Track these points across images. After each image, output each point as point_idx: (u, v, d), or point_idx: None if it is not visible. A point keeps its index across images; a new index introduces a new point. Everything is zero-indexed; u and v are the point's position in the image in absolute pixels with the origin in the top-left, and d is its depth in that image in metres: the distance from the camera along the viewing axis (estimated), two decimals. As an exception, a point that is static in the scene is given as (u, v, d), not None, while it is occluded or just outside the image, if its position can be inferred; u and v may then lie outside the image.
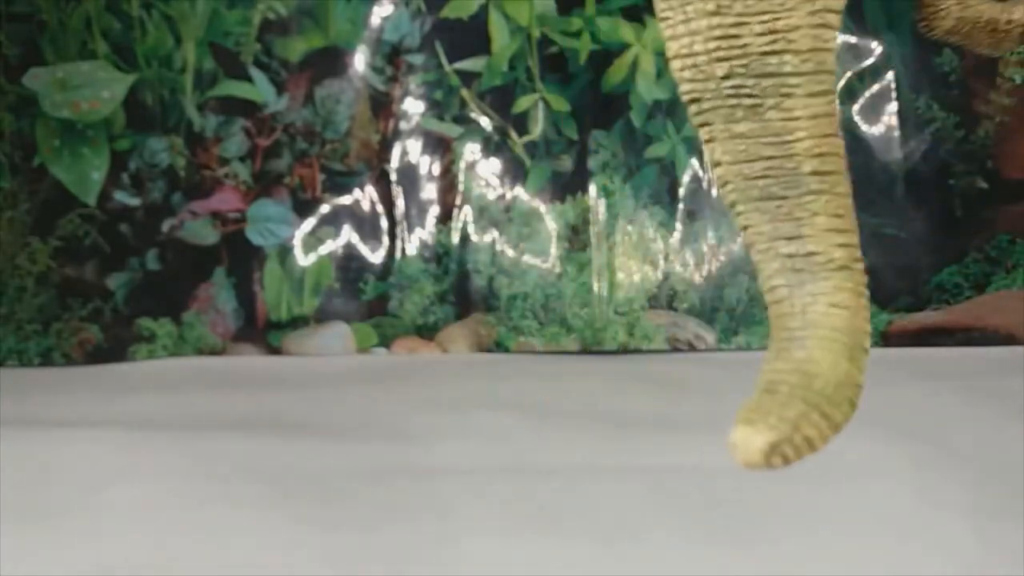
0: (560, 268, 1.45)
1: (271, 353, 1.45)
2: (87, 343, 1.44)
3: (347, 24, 1.45)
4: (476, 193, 1.46)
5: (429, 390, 1.28)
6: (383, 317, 1.46)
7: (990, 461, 0.97)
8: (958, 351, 1.38)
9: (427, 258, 1.46)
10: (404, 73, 1.45)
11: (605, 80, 1.43)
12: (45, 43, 1.43)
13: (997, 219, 1.40)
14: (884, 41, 1.41)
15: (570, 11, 1.43)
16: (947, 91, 1.40)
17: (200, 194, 1.45)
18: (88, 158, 1.44)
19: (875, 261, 1.40)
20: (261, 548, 0.83)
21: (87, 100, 1.43)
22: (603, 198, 1.44)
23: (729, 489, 0.93)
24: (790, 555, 0.80)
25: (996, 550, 0.80)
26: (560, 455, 1.02)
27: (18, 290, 1.44)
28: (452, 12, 1.44)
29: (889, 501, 0.89)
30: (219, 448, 1.04)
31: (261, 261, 1.46)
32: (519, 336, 1.44)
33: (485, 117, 1.45)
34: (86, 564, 0.80)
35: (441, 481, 0.95)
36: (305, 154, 1.45)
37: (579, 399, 1.24)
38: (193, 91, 1.44)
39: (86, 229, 1.44)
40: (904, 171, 1.41)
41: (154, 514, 0.89)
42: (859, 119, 1.41)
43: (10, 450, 1.02)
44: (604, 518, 0.87)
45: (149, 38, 1.44)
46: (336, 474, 0.98)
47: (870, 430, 1.06)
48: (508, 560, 0.80)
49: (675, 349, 1.43)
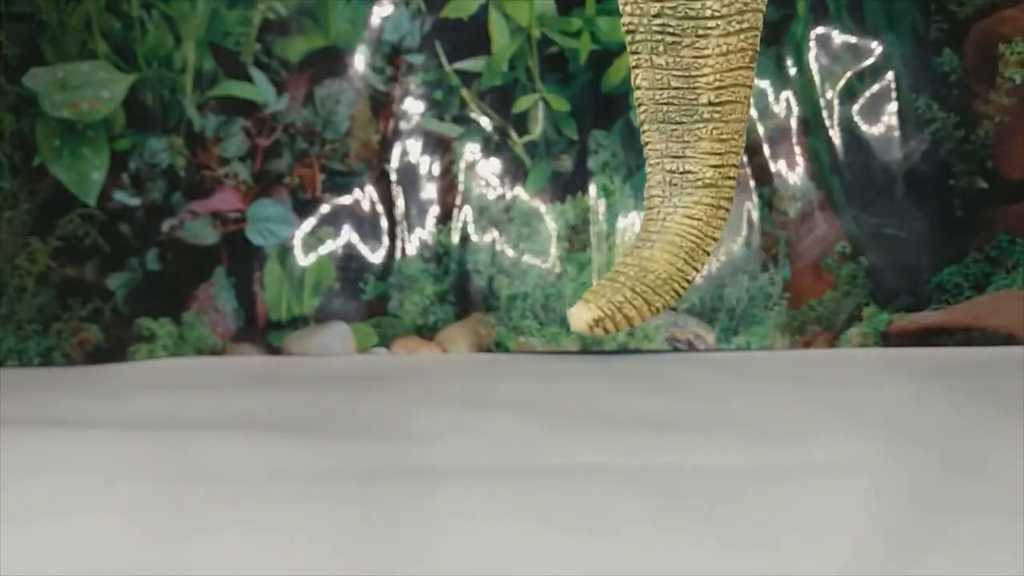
0: (560, 268, 1.45)
1: (271, 353, 1.45)
2: (87, 343, 1.44)
3: (347, 24, 1.45)
4: (476, 193, 1.46)
5: (429, 390, 1.28)
6: (383, 317, 1.46)
7: (990, 461, 0.97)
8: (958, 351, 1.38)
9: (427, 258, 1.46)
10: (404, 73, 1.45)
11: (605, 80, 1.43)
12: (45, 43, 1.43)
13: (997, 219, 1.40)
14: (884, 41, 1.41)
15: (570, 11, 1.43)
16: (947, 91, 1.40)
17: (200, 194, 1.45)
18: (88, 158, 1.44)
19: (875, 261, 1.42)
20: (261, 548, 0.83)
21: (87, 100, 1.43)
22: (603, 198, 1.44)
23: (729, 489, 0.93)
24: (790, 555, 0.80)
25: (996, 550, 0.80)
26: (560, 455, 1.02)
27: (18, 290, 1.44)
28: (452, 12, 1.44)
29: (888, 501, 0.89)
30: (219, 448, 1.04)
31: (261, 261, 1.46)
32: (519, 336, 1.44)
33: (485, 117, 1.45)
34: (85, 564, 0.80)
35: (441, 481, 0.95)
36: (305, 154, 1.46)
37: (579, 399, 1.24)
38: (193, 91, 1.44)
39: (86, 229, 1.44)
40: (904, 171, 1.41)
41: (154, 514, 0.89)
42: (859, 119, 1.41)
43: (10, 450, 1.02)
44: (604, 518, 0.87)
45: (149, 38, 1.44)
46: (336, 474, 0.98)
47: (870, 430, 1.06)
48: (508, 560, 0.80)
49: (675, 349, 1.43)
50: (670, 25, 0.66)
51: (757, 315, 1.42)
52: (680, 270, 0.67)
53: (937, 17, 1.39)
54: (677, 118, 0.67)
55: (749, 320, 1.43)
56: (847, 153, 1.42)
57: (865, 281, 1.42)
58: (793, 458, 1.00)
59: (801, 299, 1.42)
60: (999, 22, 1.38)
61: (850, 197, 1.42)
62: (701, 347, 1.44)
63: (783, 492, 0.92)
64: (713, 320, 1.43)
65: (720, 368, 1.35)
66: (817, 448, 1.02)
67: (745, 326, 1.43)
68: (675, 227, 0.68)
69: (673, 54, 0.66)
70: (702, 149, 0.67)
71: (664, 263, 0.67)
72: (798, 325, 1.42)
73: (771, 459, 1.00)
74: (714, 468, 0.98)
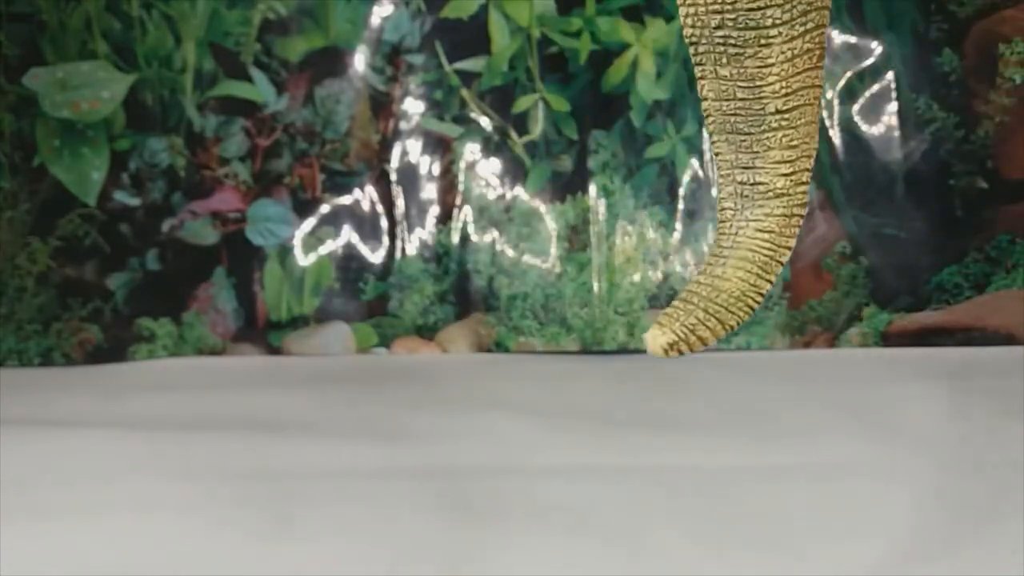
0: (560, 268, 1.45)
1: (271, 353, 1.45)
2: (87, 343, 1.44)
3: (347, 24, 1.45)
4: (476, 193, 1.46)
5: (429, 390, 1.28)
6: (383, 317, 1.46)
7: (990, 461, 0.97)
8: (958, 351, 1.38)
9: (427, 258, 1.46)
10: (404, 73, 1.45)
11: (605, 80, 1.43)
12: (45, 43, 1.43)
13: (997, 219, 1.40)
14: (884, 41, 1.41)
15: (570, 11, 1.43)
16: (947, 91, 1.40)
17: (200, 194, 1.45)
18: (88, 158, 1.44)
19: (875, 261, 1.42)
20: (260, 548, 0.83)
21: (87, 100, 1.43)
22: (603, 198, 1.44)
23: (729, 489, 0.93)
24: (790, 555, 0.80)
25: (995, 550, 0.80)
26: (560, 455, 1.02)
27: (18, 290, 1.44)
28: (452, 12, 1.44)
29: (889, 501, 0.89)
30: (219, 448, 1.04)
31: (261, 261, 1.46)
32: (519, 336, 1.44)
33: (485, 117, 1.45)
34: (86, 564, 0.80)
35: (441, 481, 0.95)
36: (305, 154, 1.46)
37: (579, 399, 1.24)
38: (193, 91, 1.44)
39: (86, 229, 1.44)
40: (904, 171, 1.41)
41: (154, 514, 0.89)
42: (859, 119, 1.41)
43: (10, 450, 1.02)
44: (604, 518, 0.87)
45: (149, 38, 1.44)
46: (336, 474, 0.98)
47: (870, 430, 1.06)
48: (508, 560, 0.80)
49: (675, 349, 1.43)
50: (732, 37, 0.64)
51: (757, 315, 1.42)
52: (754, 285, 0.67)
53: (937, 17, 1.39)
54: (745, 129, 0.66)
55: (749, 320, 1.43)
56: (847, 153, 1.42)
57: (865, 281, 1.42)
58: (793, 458, 1.00)
59: (801, 299, 1.42)
60: (999, 22, 1.38)
61: (850, 197, 1.42)
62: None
63: (783, 492, 0.92)
64: (713, 320, 1.43)
65: (720, 368, 1.35)
66: (817, 448, 1.02)
67: (745, 326, 1.43)
68: (747, 242, 0.67)
69: (737, 65, 0.65)
70: (772, 158, 0.66)
71: (736, 280, 0.66)
72: (798, 325, 1.42)
73: (771, 459, 1.00)
74: (714, 468, 0.98)
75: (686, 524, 0.86)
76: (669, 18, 1.42)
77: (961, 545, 0.81)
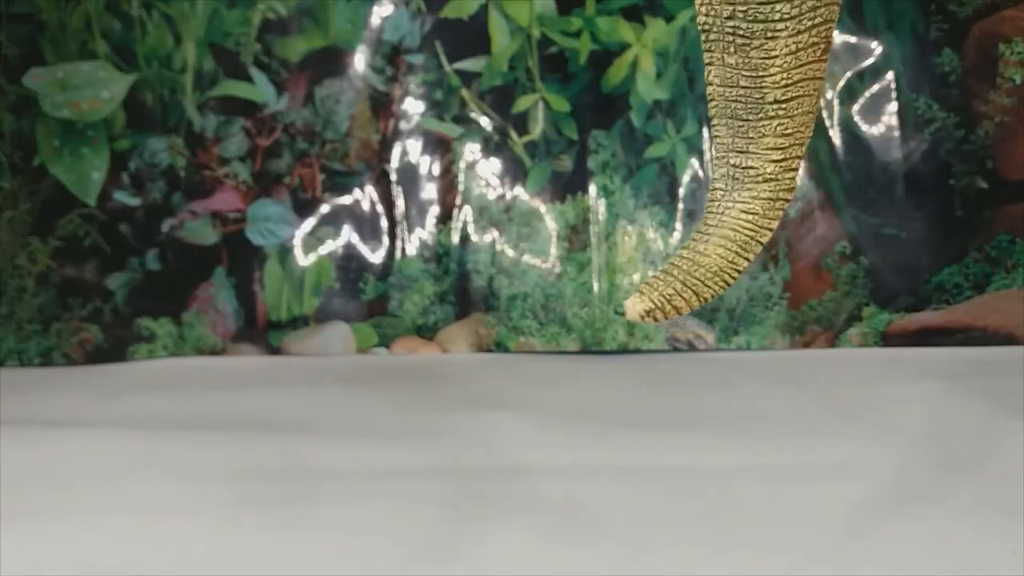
0: (560, 268, 1.45)
1: (271, 353, 1.45)
2: (87, 343, 1.44)
3: (347, 24, 1.45)
4: (476, 193, 1.46)
5: (429, 390, 1.28)
6: (383, 317, 1.46)
7: (990, 461, 0.97)
8: (958, 351, 1.38)
9: (427, 258, 1.46)
10: (404, 73, 1.45)
11: (605, 80, 1.43)
12: (45, 43, 1.43)
13: (997, 219, 1.40)
14: (884, 41, 1.41)
15: (570, 11, 1.43)
16: (947, 91, 1.40)
17: (200, 194, 1.45)
18: (88, 158, 1.44)
19: (875, 261, 1.42)
20: (260, 548, 0.83)
21: (87, 100, 1.43)
22: (603, 198, 1.44)
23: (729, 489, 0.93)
24: (790, 555, 0.80)
25: (995, 550, 0.80)
26: (560, 455, 1.02)
27: (18, 290, 1.44)
28: (452, 12, 1.44)
29: (888, 501, 0.89)
30: (219, 448, 1.04)
31: (261, 261, 1.46)
32: (519, 336, 1.44)
33: (485, 117, 1.45)
34: (86, 564, 0.80)
35: (441, 481, 0.95)
36: (305, 154, 1.46)
37: (579, 399, 1.24)
38: (193, 91, 1.44)
39: (86, 229, 1.44)
40: (904, 171, 1.41)
41: (154, 514, 0.89)
42: (859, 119, 1.41)
43: (10, 450, 1.02)
44: (604, 518, 0.87)
45: (149, 38, 1.44)
46: (336, 474, 0.98)
47: (870, 430, 1.06)
48: (507, 560, 0.80)
49: (675, 349, 1.43)
50: (741, 28, 0.67)
51: (757, 315, 1.42)
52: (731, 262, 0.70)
53: (937, 17, 1.39)
54: (744, 115, 0.69)
55: (749, 320, 1.43)
56: (847, 153, 1.42)
57: (865, 281, 1.42)
58: (793, 458, 1.00)
59: (801, 299, 1.42)
60: (999, 22, 1.38)
61: (850, 197, 1.42)
62: (701, 347, 1.44)
63: (783, 492, 0.92)
64: (713, 320, 1.44)
65: (720, 368, 1.35)
66: (817, 448, 1.02)
67: (745, 326, 1.43)
68: (731, 221, 0.70)
69: (742, 54, 0.67)
70: (765, 145, 0.69)
71: (716, 256, 0.69)
72: (798, 325, 1.42)
73: (771, 459, 1.00)
74: (714, 468, 0.98)
75: (686, 524, 0.86)
76: (669, 18, 1.42)
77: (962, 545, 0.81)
